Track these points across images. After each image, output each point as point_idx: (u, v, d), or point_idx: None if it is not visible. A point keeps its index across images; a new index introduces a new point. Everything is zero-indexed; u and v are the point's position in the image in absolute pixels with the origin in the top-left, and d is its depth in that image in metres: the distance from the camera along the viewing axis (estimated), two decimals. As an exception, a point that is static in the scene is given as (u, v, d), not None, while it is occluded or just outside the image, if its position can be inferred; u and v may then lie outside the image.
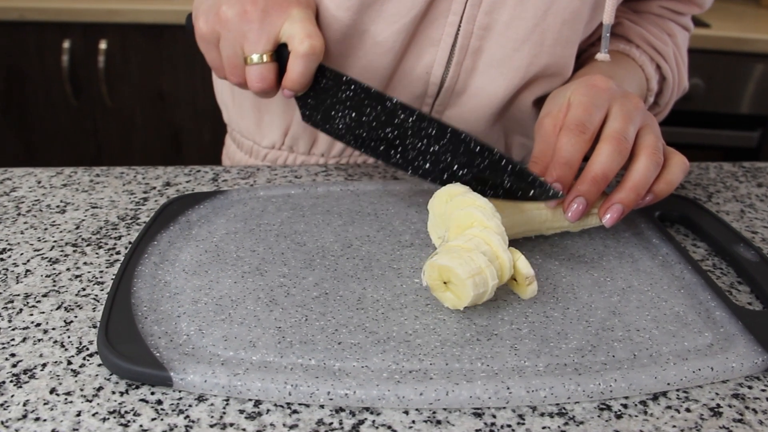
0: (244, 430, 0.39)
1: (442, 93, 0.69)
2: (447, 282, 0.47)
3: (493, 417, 0.41)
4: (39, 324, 0.47)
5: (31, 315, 0.48)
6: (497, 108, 0.69)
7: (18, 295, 0.50)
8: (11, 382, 0.42)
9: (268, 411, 0.41)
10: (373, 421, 0.40)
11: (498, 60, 0.66)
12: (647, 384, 0.43)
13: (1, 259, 0.54)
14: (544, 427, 0.41)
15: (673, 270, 0.55)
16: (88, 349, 0.45)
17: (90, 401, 0.41)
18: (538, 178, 0.53)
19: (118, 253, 0.56)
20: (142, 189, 0.66)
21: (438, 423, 0.40)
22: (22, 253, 0.55)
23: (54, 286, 0.51)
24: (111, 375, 0.43)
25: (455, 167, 0.55)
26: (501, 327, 0.47)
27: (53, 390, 0.41)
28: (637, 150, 0.54)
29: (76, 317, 0.48)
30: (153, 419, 0.40)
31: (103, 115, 1.66)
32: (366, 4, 0.63)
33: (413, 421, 0.40)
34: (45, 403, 0.40)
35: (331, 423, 0.40)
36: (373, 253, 0.55)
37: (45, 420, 0.39)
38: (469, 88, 0.69)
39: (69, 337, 0.46)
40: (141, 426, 0.39)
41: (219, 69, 0.61)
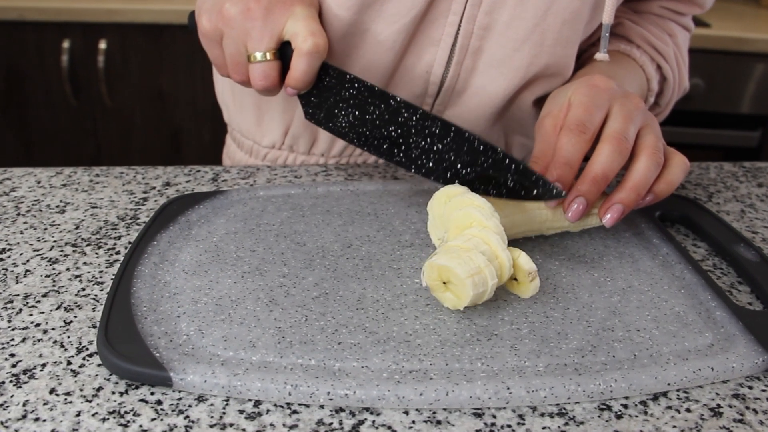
0: (243, 430, 0.39)
1: (442, 92, 0.69)
2: (446, 282, 0.47)
3: (493, 417, 0.41)
4: (39, 324, 0.47)
5: (31, 315, 0.48)
6: (497, 108, 0.69)
7: (18, 295, 0.50)
8: (11, 382, 0.42)
9: (267, 411, 0.41)
10: (373, 422, 0.40)
11: (498, 60, 0.66)
12: (647, 384, 0.43)
13: (1, 259, 0.54)
14: (544, 428, 0.40)
15: (674, 270, 0.55)
16: (87, 349, 0.45)
17: (90, 401, 0.41)
18: (541, 177, 0.53)
19: (117, 253, 0.55)
20: (141, 189, 0.66)
21: (438, 423, 0.40)
22: (21, 253, 0.55)
23: (54, 286, 0.51)
24: (111, 375, 0.43)
25: (459, 166, 0.55)
26: (501, 327, 0.47)
27: (53, 390, 0.41)
28: (638, 150, 0.54)
29: (75, 317, 0.48)
30: (153, 419, 0.40)
31: (103, 115, 1.66)
32: (367, 3, 0.63)
33: (413, 422, 0.40)
34: (45, 404, 0.40)
35: (331, 423, 0.40)
36: (373, 253, 0.55)
37: (45, 420, 0.39)
38: (470, 87, 0.68)
39: (69, 337, 0.46)
40: (141, 426, 0.39)
41: (222, 67, 0.61)
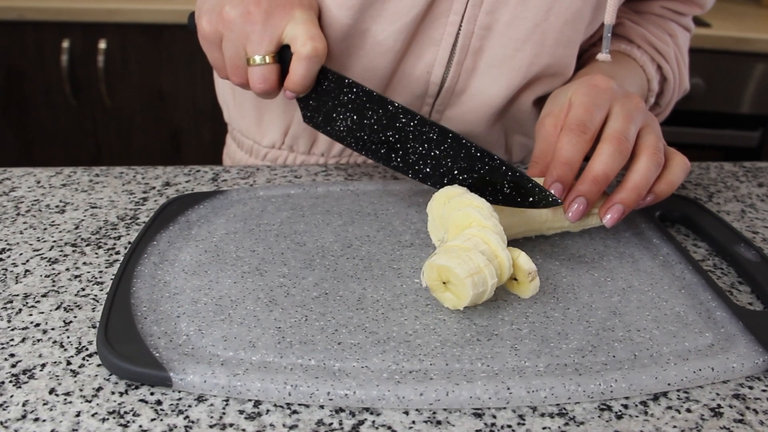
0: (243, 430, 0.39)
1: (442, 93, 0.69)
2: (446, 282, 0.47)
3: (494, 417, 0.41)
4: (38, 324, 0.47)
5: (31, 315, 0.48)
6: (498, 108, 0.69)
7: (17, 295, 0.50)
8: (10, 382, 0.42)
9: (267, 411, 0.41)
10: (373, 422, 0.40)
11: (499, 60, 0.66)
12: (648, 384, 0.43)
13: (1, 259, 0.54)
14: (544, 428, 0.40)
15: (674, 270, 0.54)
16: (87, 350, 0.45)
17: (89, 401, 0.41)
18: (537, 184, 0.53)
19: (117, 253, 0.55)
20: (141, 189, 0.66)
21: (438, 423, 0.40)
22: (21, 253, 0.55)
23: (53, 286, 0.51)
24: (110, 375, 0.43)
25: (455, 172, 0.55)
26: (501, 327, 0.47)
27: (52, 390, 0.41)
28: (638, 150, 0.54)
29: (75, 317, 0.48)
30: (152, 420, 0.40)
31: (103, 115, 1.66)
32: (367, 3, 0.63)
33: (413, 422, 0.40)
34: (44, 404, 0.40)
35: (331, 423, 0.40)
36: (373, 253, 0.55)
37: (44, 420, 0.39)
38: (470, 87, 0.68)
39: (68, 338, 0.46)
40: (140, 426, 0.39)
41: (221, 69, 0.61)
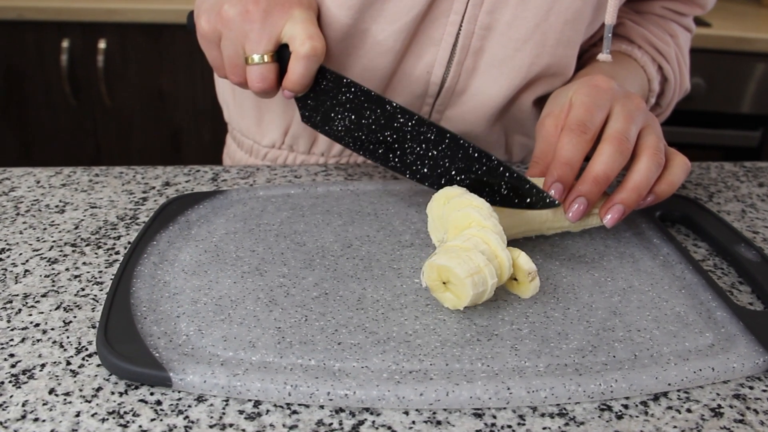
0: (243, 430, 0.39)
1: (442, 93, 0.69)
2: (446, 282, 0.47)
3: (494, 417, 0.41)
4: (38, 324, 0.47)
5: (30, 315, 0.48)
6: (498, 108, 0.69)
7: (17, 296, 0.50)
8: (10, 382, 0.42)
9: (267, 411, 0.41)
10: (373, 422, 0.40)
11: (499, 60, 0.66)
12: (648, 384, 0.43)
13: (0, 259, 0.54)
14: (544, 428, 0.40)
15: (674, 270, 0.54)
16: (87, 350, 0.45)
17: (89, 402, 0.41)
18: (535, 185, 0.53)
19: (117, 253, 0.55)
20: (141, 189, 0.66)
21: (438, 423, 0.40)
22: (21, 253, 0.55)
23: (53, 286, 0.51)
24: (110, 375, 0.43)
25: (453, 172, 0.55)
26: (501, 327, 0.47)
27: (52, 390, 0.41)
28: (639, 150, 0.54)
29: (75, 317, 0.48)
30: (152, 420, 0.40)
31: (103, 115, 1.66)
32: (367, 3, 0.63)
33: (413, 422, 0.40)
34: (44, 404, 0.40)
35: (331, 423, 0.40)
36: (373, 253, 0.55)
37: (44, 420, 0.39)
38: (470, 88, 0.68)
39: (68, 338, 0.46)
40: (140, 426, 0.39)
41: (220, 68, 0.61)
